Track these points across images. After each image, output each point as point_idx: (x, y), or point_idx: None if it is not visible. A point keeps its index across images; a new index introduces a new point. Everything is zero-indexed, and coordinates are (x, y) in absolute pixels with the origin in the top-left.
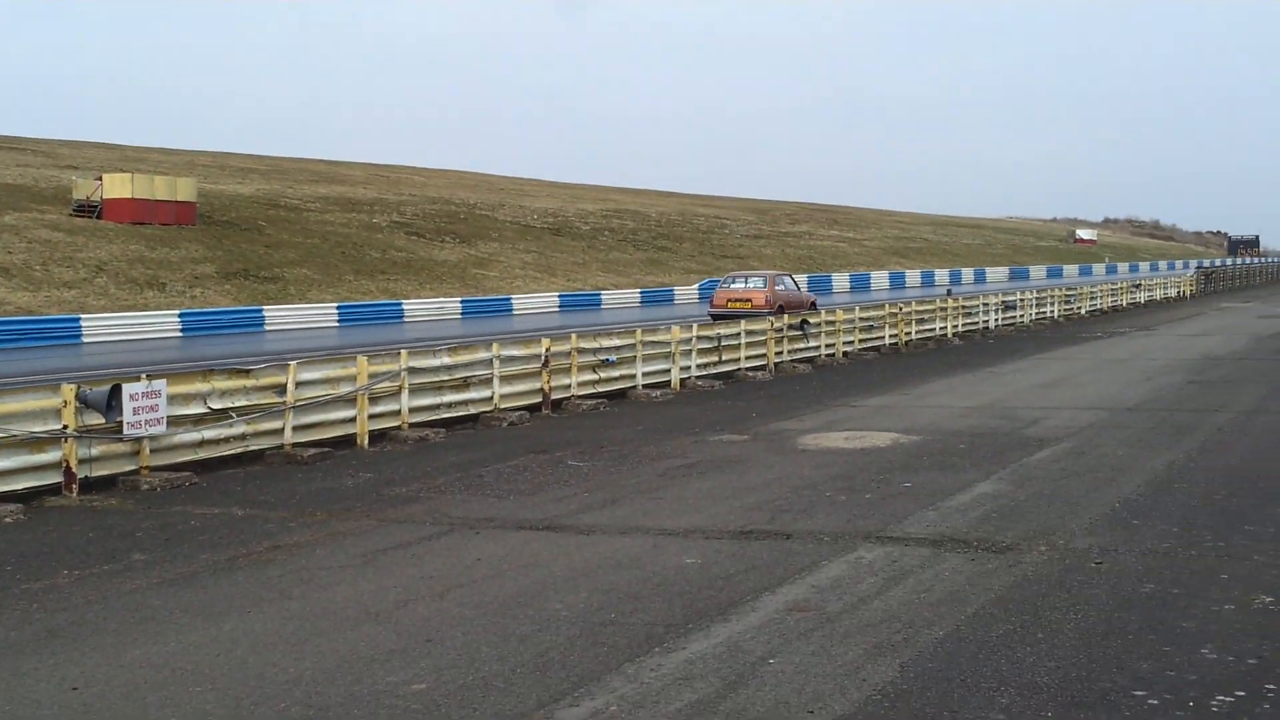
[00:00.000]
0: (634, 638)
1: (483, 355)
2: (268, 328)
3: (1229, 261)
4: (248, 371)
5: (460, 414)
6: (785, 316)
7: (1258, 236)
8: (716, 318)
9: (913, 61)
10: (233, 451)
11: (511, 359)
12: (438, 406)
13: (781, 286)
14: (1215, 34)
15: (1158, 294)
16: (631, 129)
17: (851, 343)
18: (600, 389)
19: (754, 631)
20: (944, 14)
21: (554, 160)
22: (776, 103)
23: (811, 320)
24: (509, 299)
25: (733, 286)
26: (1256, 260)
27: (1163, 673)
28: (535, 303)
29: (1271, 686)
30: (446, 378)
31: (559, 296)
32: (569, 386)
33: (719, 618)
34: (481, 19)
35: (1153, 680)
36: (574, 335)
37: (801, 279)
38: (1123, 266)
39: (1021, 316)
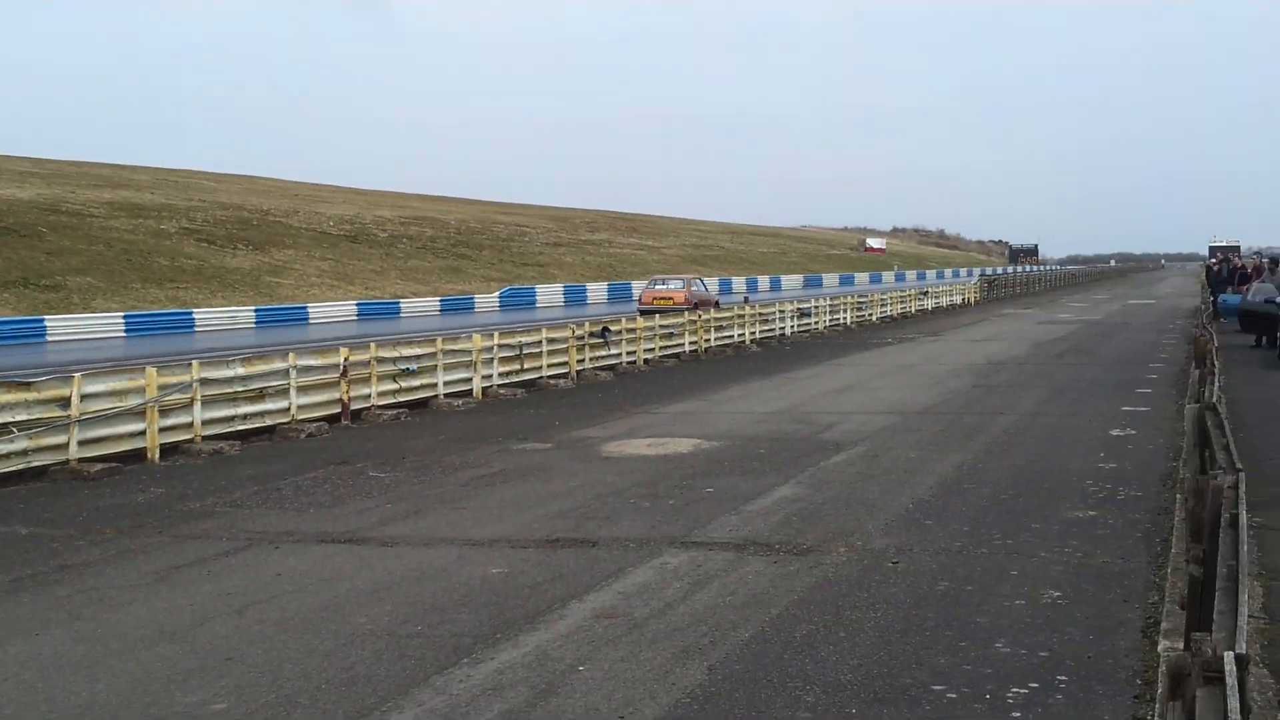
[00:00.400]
0: (441, 650)
1: (278, 365)
2: (50, 339)
3: (1010, 270)
4: (28, 384)
5: (256, 426)
6: (587, 324)
7: (1037, 245)
8: (644, 313)
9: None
10: (14, 468)
11: (309, 369)
12: (232, 418)
13: (696, 287)
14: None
15: (944, 301)
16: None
17: (652, 350)
18: (401, 398)
19: (562, 639)
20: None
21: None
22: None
23: (612, 328)
24: (305, 308)
25: (657, 288)
26: (1036, 268)
27: (960, 667)
28: (332, 311)
29: (1063, 678)
30: (241, 389)
31: (357, 305)
32: (369, 396)
33: (527, 627)
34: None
35: (950, 675)
36: (373, 344)
37: (601, 287)
38: (911, 274)
39: (816, 323)
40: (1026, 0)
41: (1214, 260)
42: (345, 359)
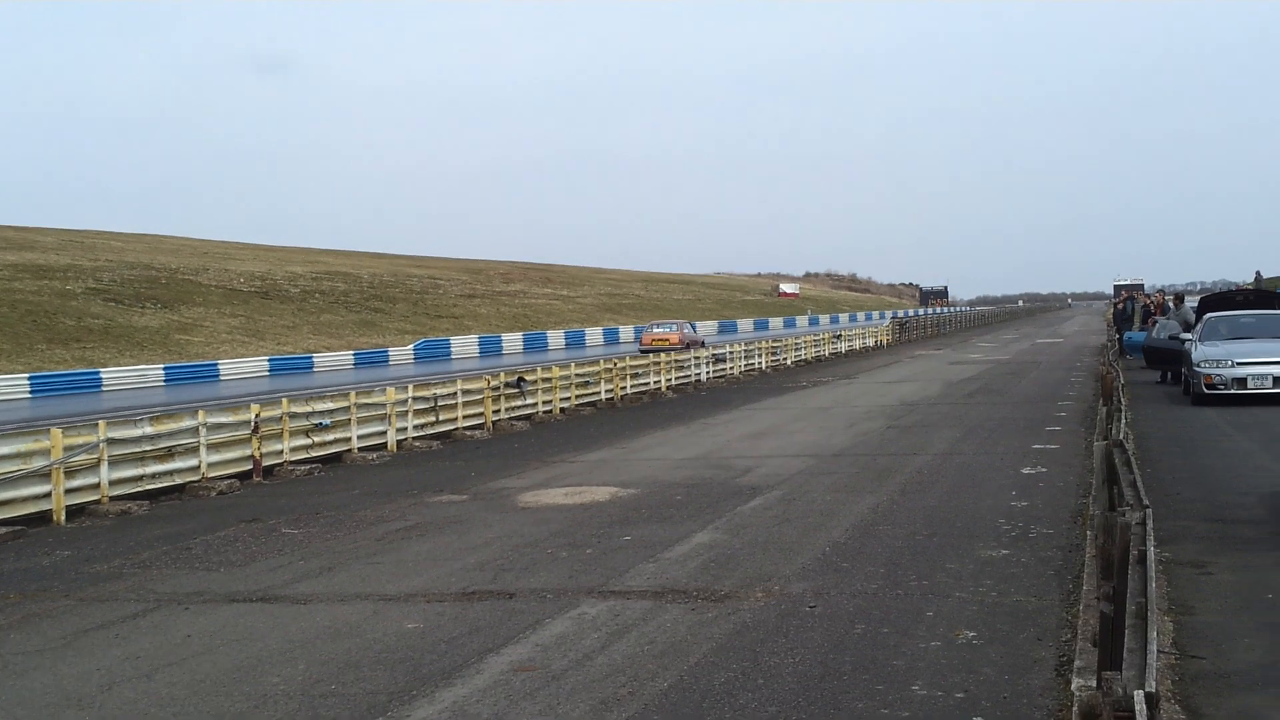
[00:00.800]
0: (355, 708)
1: (188, 423)
2: None
3: (921, 312)
4: None
5: (165, 485)
6: (502, 374)
7: (946, 288)
8: (645, 352)
9: (622, 123)
10: None
11: (219, 426)
12: (140, 478)
13: (686, 330)
14: (902, 97)
15: (857, 344)
16: (339, 191)
17: (568, 399)
18: (315, 454)
19: (479, 694)
20: (650, 79)
21: (260, 223)
22: (486, 164)
23: (528, 377)
24: (215, 364)
25: (655, 331)
26: (946, 310)
27: (877, 711)
28: (243, 368)
29: (978, 719)
30: (150, 448)
31: (269, 361)
32: (281, 452)
33: (443, 682)
34: (176, 81)
35: (867, 719)
36: (285, 399)
37: (517, 337)
38: (824, 318)
39: (731, 368)
40: (930, 47)
41: (1119, 299)
42: (257, 415)
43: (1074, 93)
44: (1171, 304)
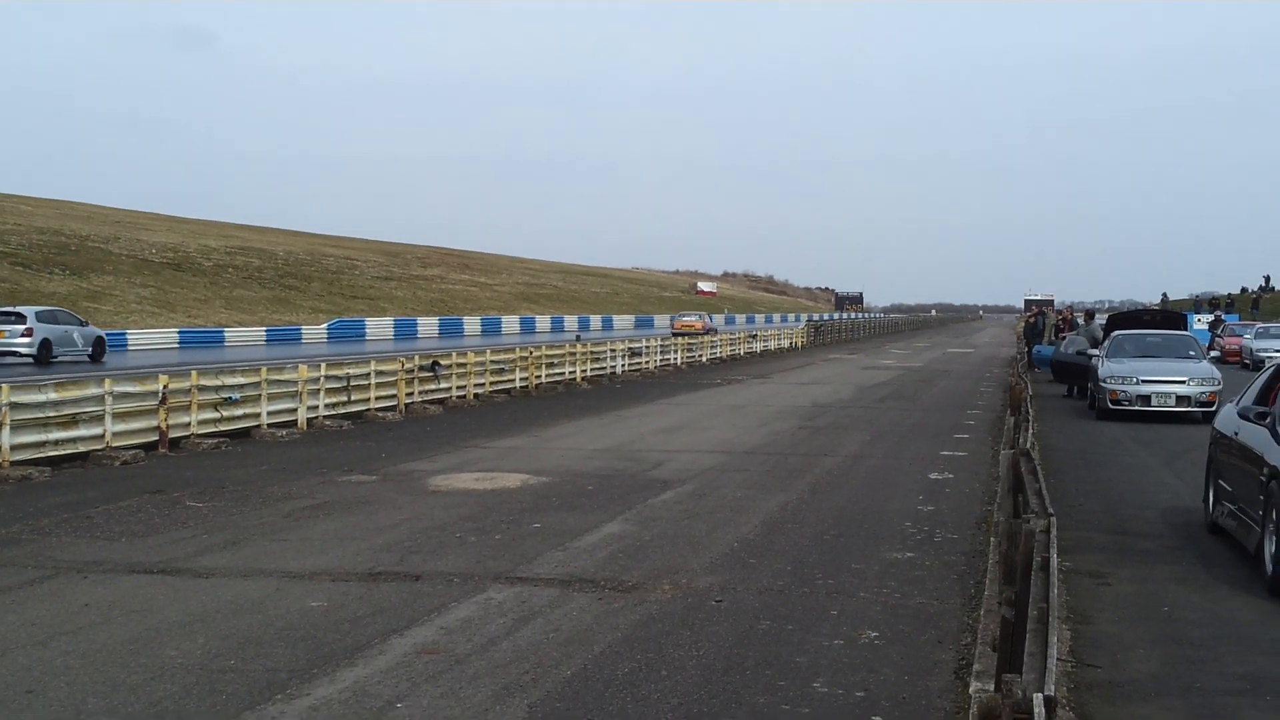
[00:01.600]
0: (255, 685)
1: (93, 391)
2: None
3: (836, 316)
4: None
5: (69, 452)
6: (417, 358)
7: (861, 293)
8: (676, 335)
9: (545, 117)
10: None
11: (126, 395)
12: (43, 444)
13: (706, 320)
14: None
15: (772, 345)
16: (258, 167)
17: (482, 385)
18: (223, 428)
19: (381, 675)
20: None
21: (174, 194)
22: (406, 148)
23: (442, 361)
24: (123, 334)
25: (683, 319)
26: (860, 315)
27: (778, 707)
28: (153, 339)
29: (877, 718)
30: (54, 414)
31: (179, 333)
32: (189, 425)
33: (345, 662)
34: (96, 49)
35: (768, 714)
36: (194, 371)
37: (433, 322)
38: (741, 318)
39: (647, 363)
40: (850, 62)
41: (1031, 313)
42: (165, 386)
43: (991, 107)
44: (1081, 320)
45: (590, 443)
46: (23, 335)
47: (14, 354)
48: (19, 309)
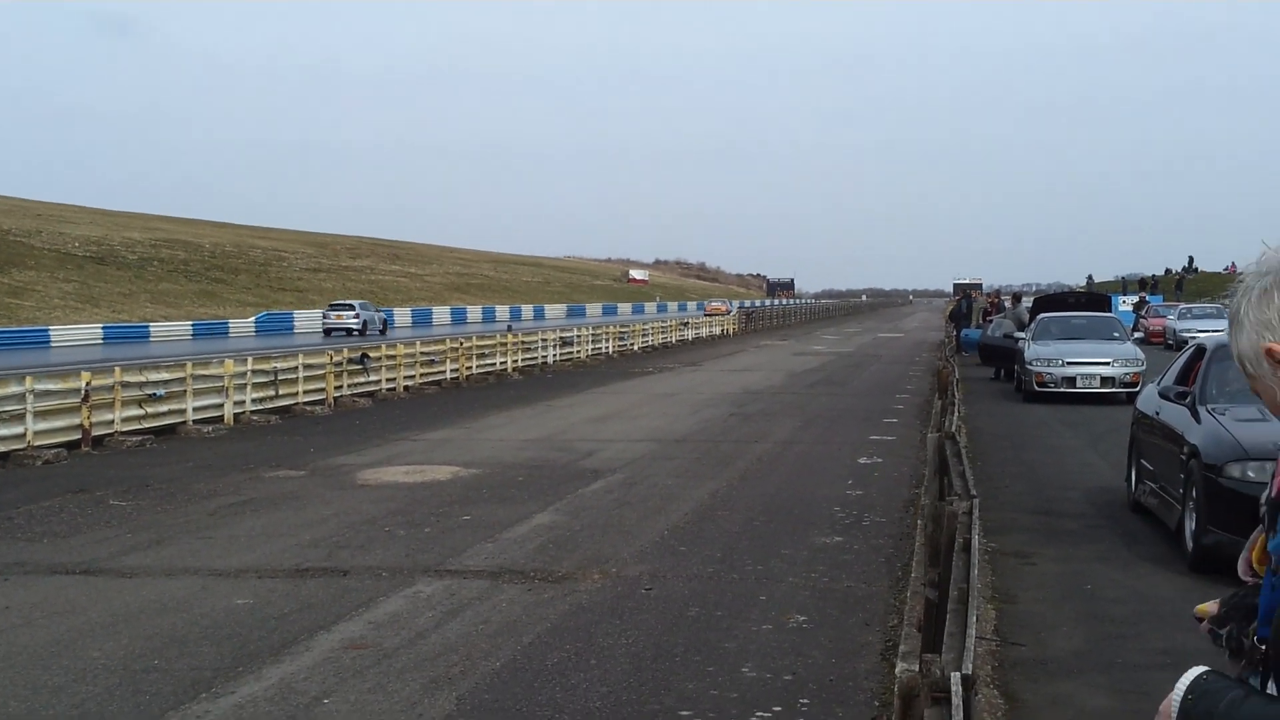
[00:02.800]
0: (179, 684)
1: (14, 389)
2: None
3: (768, 302)
4: None
5: None
6: (345, 350)
7: (793, 280)
8: (709, 315)
9: (475, 106)
10: None
11: (47, 393)
12: None
13: (735, 305)
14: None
15: (704, 332)
16: (181, 159)
17: (413, 377)
18: (147, 424)
19: (308, 671)
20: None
21: (97, 187)
22: (334, 138)
23: (371, 354)
24: (46, 330)
25: (712, 303)
26: (791, 301)
27: (707, 692)
28: (76, 334)
29: (805, 701)
30: None
31: (103, 328)
32: (112, 422)
33: (271, 659)
34: (10, 33)
35: (698, 699)
36: (118, 368)
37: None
38: (673, 305)
39: (578, 352)
40: (782, 46)
41: (961, 296)
42: (87, 383)
43: (919, 93)
44: (1008, 304)
45: (521, 433)
46: None
47: None
48: None
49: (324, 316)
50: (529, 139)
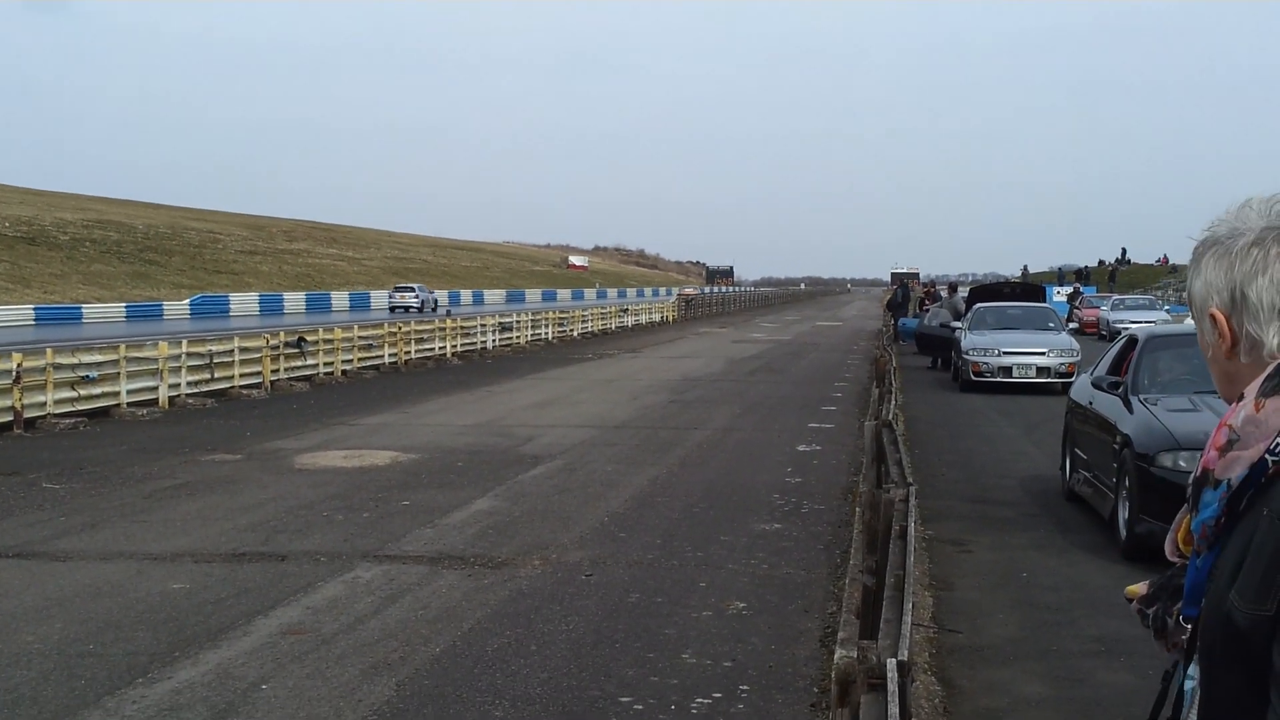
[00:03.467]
0: (115, 669)
1: None
2: None
3: (707, 290)
4: None
5: None
6: (282, 334)
7: (732, 267)
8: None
9: (409, 90)
10: None
11: None
12: None
13: (702, 290)
14: (692, 80)
15: (644, 319)
16: (114, 136)
17: (350, 361)
18: (81, 407)
19: (245, 657)
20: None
21: (26, 167)
22: (270, 119)
23: (309, 337)
24: None
25: (685, 290)
26: (731, 289)
27: (647, 678)
28: (6, 315)
29: (745, 687)
30: None
31: (34, 310)
32: (45, 404)
33: (208, 644)
34: None
35: (638, 686)
36: (50, 349)
37: (299, 297)
38: (612, 292)
39: (518, 338)
40: (719, 38)
41: (898, 286)
42: (19, 365)
43: (858, 84)
44: (944, 293)
45: (460, 419)
46: None
47: None
48: None
49: (390, 296)
50: (468, 123)
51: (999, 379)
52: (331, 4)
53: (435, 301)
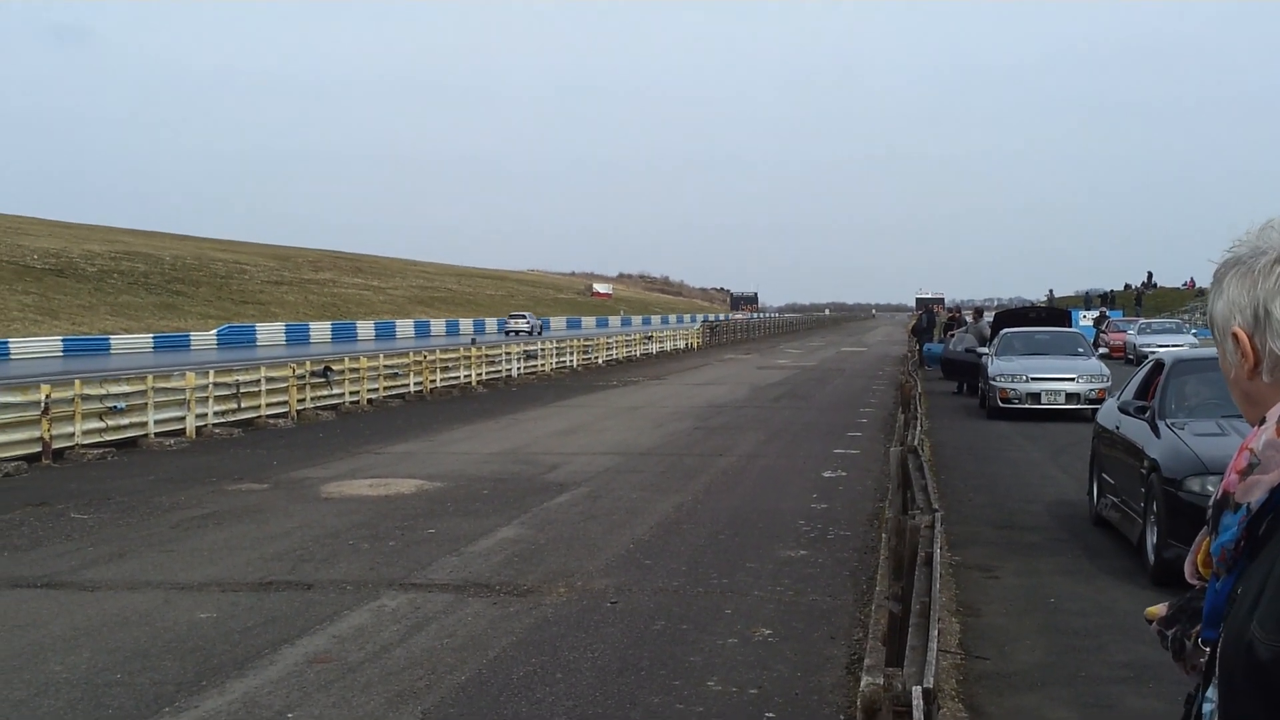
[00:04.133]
0: (142, 698)
1: None
2: None
3: (731, 316)
4: None
5: None
6: (308, 363)
7: (756, 293)
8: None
9: (439, 120)
10: None
11: (7, 406)
12: None
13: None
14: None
15: (668, 345)
16: (142, 170)
17: (376, 390)
18: (109, 437)
19: (272, 685)
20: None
21: (56, 199)
22: (298, 150)
23: (335, 367)
24: (4, 343)
25: (736, 316)
26: (755, 315)
27: (672, 706)
28: (35, 347)
29: (770, 715)
30: None
31: (63, 341)
32: (73, 435)
33: (235, 673)
34: None
35: (663, 714)
36: (78, 380)
37: (325, 327)
38: (636, 319)
39: (543, 365)
40: (742, 63)
41: (923, 311)
42: (47, 395)
43: (882, 109)
44: (969, 318)
45: (485, 447)
46: None
47: None
48: None
49: (504, 322)
50: (493, 153)
51: (1028, 405)
52: (354, 35)
53: (542, 326)
